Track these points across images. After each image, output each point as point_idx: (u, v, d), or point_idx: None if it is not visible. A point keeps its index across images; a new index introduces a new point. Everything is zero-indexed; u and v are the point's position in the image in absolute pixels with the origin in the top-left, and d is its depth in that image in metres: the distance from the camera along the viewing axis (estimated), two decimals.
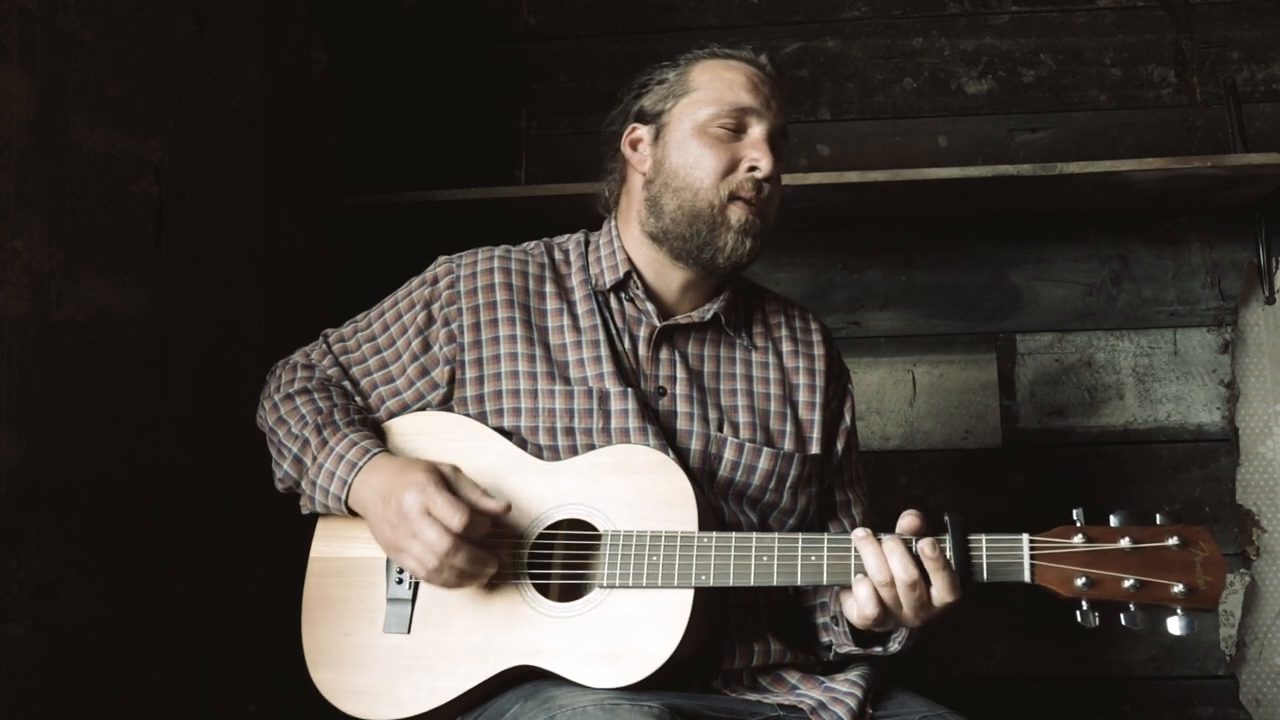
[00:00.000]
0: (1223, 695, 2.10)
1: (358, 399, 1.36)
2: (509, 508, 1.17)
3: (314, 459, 1.25)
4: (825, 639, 1.28)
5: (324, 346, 1.40)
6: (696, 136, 1.30)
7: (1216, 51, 2.24)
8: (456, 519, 1.11)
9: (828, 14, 2.35)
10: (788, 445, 1.33)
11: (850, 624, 1.18)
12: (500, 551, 1.19)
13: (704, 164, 1.29)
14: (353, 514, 1.25)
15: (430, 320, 1.34)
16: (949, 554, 1.08)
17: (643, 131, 1.36)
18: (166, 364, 1.62)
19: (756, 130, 1.30)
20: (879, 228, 2.28)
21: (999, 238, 2.26)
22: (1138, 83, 2.26)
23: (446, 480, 1.17)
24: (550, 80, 2.37)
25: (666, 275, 1.36)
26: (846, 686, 1.19)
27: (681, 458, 1.23)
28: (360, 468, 1.21)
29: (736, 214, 1.28)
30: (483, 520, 1.14)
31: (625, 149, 1.39)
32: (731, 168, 1.29)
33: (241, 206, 1.85)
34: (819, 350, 1.42)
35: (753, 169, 1.28)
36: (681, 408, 1.30)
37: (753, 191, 1.29)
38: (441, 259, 1.40)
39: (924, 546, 1.08)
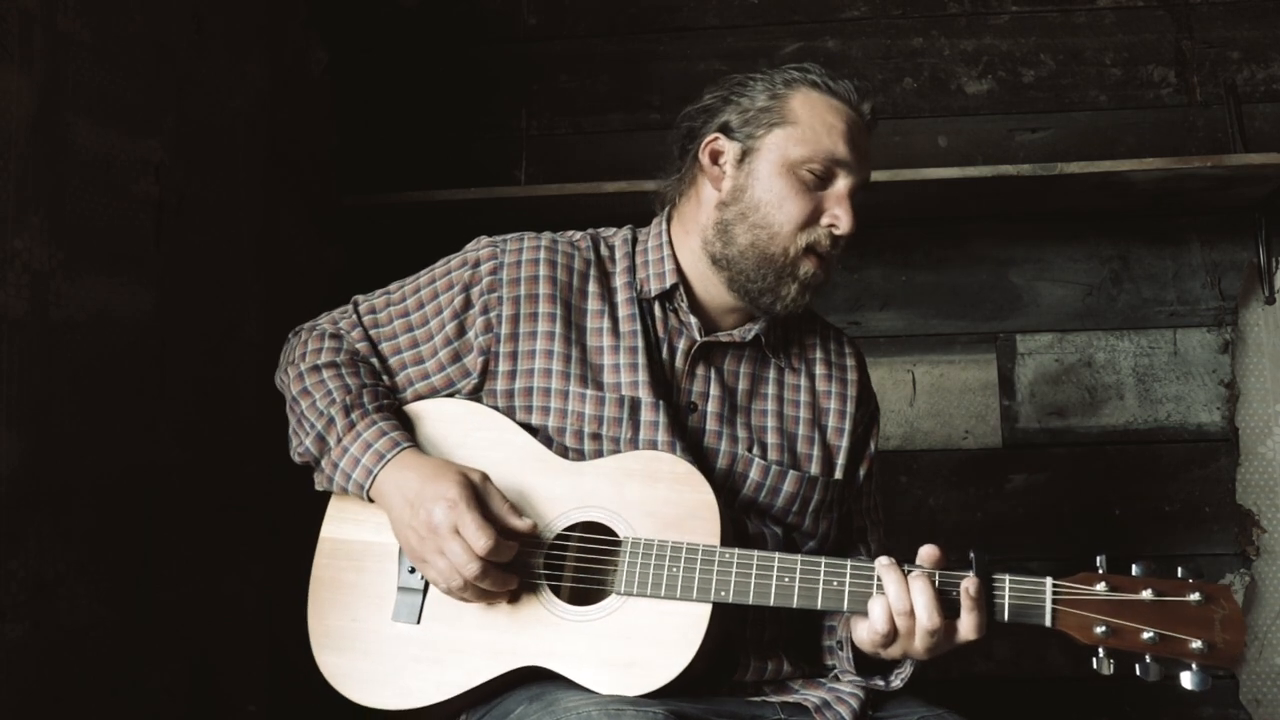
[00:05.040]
0: (1223, 695, 2.10)
1: (385, 378, 1.32)
2: (535, 528, 1.16)
3: (338, 440, 1.23)
4: (828, 661, 1.26)
5: (354, 316, 1.35)
6: (785, 175, 1.24)
7: (1216, 51, 2.24)
8: (483, 543, 1.09)
9: (828, 14, 2.35)
10: (814, 469, 1.31)
11: (855, 650, 1.17)
12: (517, 551, 1.17)
13: (786, 208, 1.24)
14: (370, 500, 1.23)
15: (468, 305, 1.30)
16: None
17: (726, 146, 1.29)
18: (166, 364, 1.62)
19: (843, 184, 1.26)
20: (879, 228, 2.28)
21: (999, 238, 2.26)
22: (1138, 83, 2.26)
23: (477, 494, 1.15)
24: (550, 80, 2.37)
25: (715, 293, 1.32)
26: (849, 687, 1.19)
27: (705, 475, 1.19)
28: (388, 460, 1.19)
29: (807, 267, 1.26)
30: (509, 546, 1.13)
31: (704, 158, 1.31)
32: (813, 219, 1.25)
33: (241, 206, 1.85)
34: (851, 375, 1.39)
35: (833, 225, 1.25)
36: (711, 425, 1.28)
37: (828, 247, 1.26)
38: (484, 240, 1.35)
39: (968, 585, 1.05)
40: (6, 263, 1.32)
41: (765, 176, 1.26)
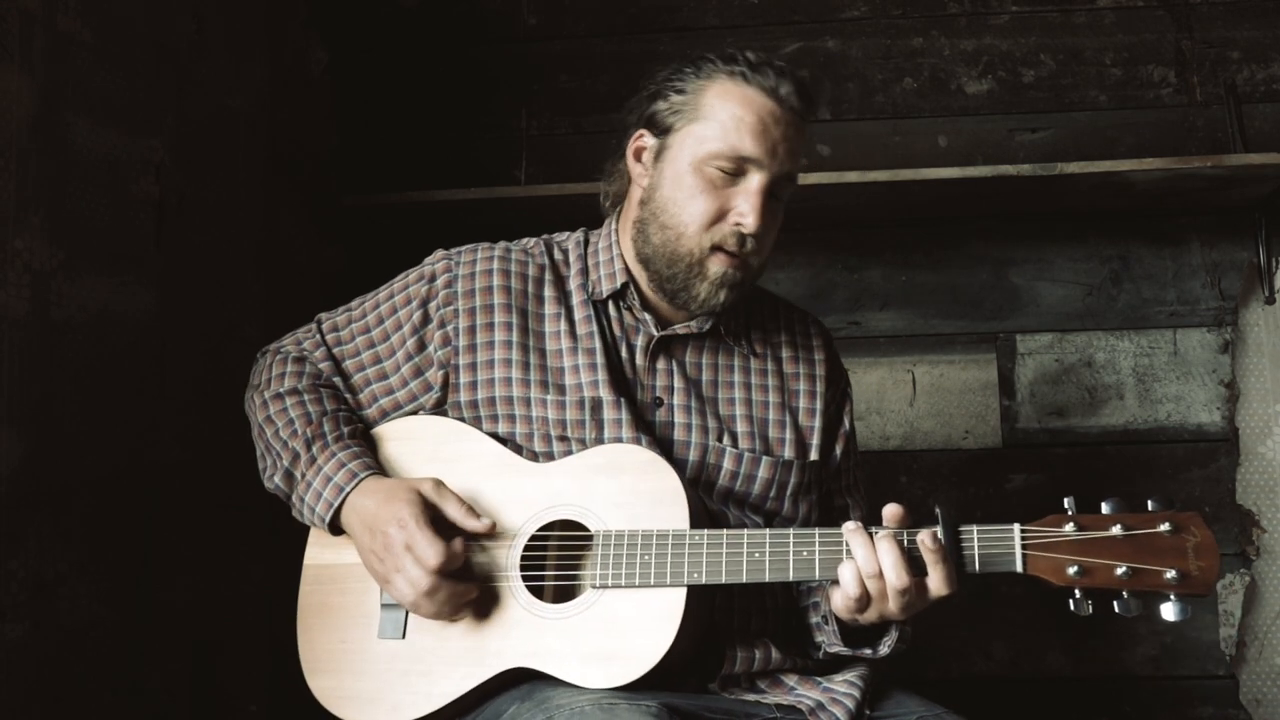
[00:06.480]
0: (1223, 695, 2.10)
1: (349, 396, 1.34)
2: (494, 526, 1.18)
3: (302, 475, 1.25)
4: (817, 639, 1.27)
5: (317, 335, 1.37)
6: (692, 172, 1.22)
7: (1216, 51, 2.24)
8: (434, 558, 1.12)
9: (828, 14, 2.35)
10: (788, 453, 1.31)
11: (839, 621, 1.17)
12: (493, 554, 1.20)
13: (691, 208, 1.22)
14: (339, 532, 1.25)
15: (426, 319, 1.32)
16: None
17: (649, 143, 1.29)
18: (166, 364, 1.62)
19: (754, 180, 1.22)
20: (879, 228, 2.28)
21: (999, 238, 2.26)
22: (1138, 83, 2.26)
23: (430, 506, 1.17)
24: (550, 80, 2.37)
25: None
26: (845, 687, 1.19)
27: (679, 468, 1.20)
28: (347, 493, 1.21)
29: (715, 267, 1.24)
30: (461, 555, 1.15)
31: (629, 155, 1.32)
32: (719, 216, 1.22)
33: (241, 206, 1.85)
34: (819, 355, 1.40)
35: (739, 224, 1.22)
36: (679, 418, 1.28)
37: (736, 245, 1.23)
38: (439, 253, 1.36)
39: (925, 539, 1.05)
40: (7, 263, 1.32)
41: (673, 176, 1.25)
